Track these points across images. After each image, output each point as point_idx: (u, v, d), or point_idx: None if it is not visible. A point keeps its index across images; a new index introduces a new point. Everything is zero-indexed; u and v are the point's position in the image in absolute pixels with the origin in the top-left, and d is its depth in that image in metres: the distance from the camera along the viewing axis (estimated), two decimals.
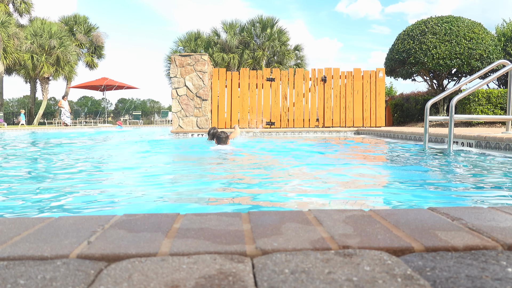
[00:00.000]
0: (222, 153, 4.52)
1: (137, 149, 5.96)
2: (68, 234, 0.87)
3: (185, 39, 23.29)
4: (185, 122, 9.61)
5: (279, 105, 10.28)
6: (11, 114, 32.28)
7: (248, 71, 10.28)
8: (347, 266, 0.69)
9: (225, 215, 1.02)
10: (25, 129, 15.10)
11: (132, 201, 2.14)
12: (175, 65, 9.49)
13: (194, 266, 0.70)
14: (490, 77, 4.25)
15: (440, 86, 11.69)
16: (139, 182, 2.79)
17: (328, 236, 0.85)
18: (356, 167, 3.57)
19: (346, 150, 5.39)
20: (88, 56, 26.67)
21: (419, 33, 10.70)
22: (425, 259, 0.74)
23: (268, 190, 2.44)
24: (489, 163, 3.45)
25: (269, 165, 3.85)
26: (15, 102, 61.91)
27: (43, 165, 3.90)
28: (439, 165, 3.58)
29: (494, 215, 1.01)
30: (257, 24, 22.81)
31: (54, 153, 5.34)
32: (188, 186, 2.66)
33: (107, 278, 0.65)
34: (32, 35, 21.97)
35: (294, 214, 1.03)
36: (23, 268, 0.70)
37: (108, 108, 33.65)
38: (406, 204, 2.06)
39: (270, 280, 0.64)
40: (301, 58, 23.80)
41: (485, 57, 10.20)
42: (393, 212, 1.04)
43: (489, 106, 9.50)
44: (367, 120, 10.30)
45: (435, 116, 4.88)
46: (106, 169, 3.65)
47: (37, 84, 24.55)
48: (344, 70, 10.34)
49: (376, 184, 2.74)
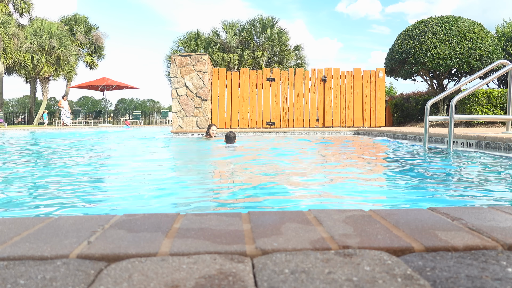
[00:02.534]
0: (231, 148, 5.35)
1: (137, 149, 5.96)
2: (68, 234, 0.87)
3: (185, 39, 23.28)
4: (185, 122, 9.61)
5: (279, 105, 10.28)
6: (11, 114, 32.29)
7: (248, 71, 10.27)
8: (347, 266, 0.69)
9: (225, 215, 1.02)
10: (25, 129, 15.10)
11: (132, 201, 2.14)
12: (175, 65, 9.49)
13: (194, 266, 0.70)
14: (490, 77, 4.25)
15: (440, 86, 11.69)
16: (139, 182, 2.79)
17: (328, 236, 0.85)
18: (356, 167, 3.57)
19: (346, 150, 5.39)
20: (88, 56, 26.67)
21: (419, 33, 10.69)
22: (425, 259, 0.74)
23: (268, 190, 2.44)
24: (489, 163, 3.45)
25: (269, 165, 3.85)
26: (15, 102, 61.92)
27: (42, 165, 3.90)
28: (439, 165, 3.58)
29: (494, 215, 1.01)
30: (257, 24, 22.80)
31: (54, 153, 5.34)
32: (188, 186, 2.66)
33: (107, 278, 0.65)
34: (32, 35, 21.96)
35: (294, 214, 1.03)
36: (23, 268, 0.70)
37: (108, 108, 33.63)
38: (406, 204, 2.06)
39: (270, 280, 0.64)
40: (301, 58, 23.79)
41: (485, 57, 10.19)
42: (393, 212, 1.04)
43: (489, 106, 9.50)
44: (367, 120, 10.30)
45: (435, 116, 4.88)
46: (106, 169, 3.65)
47: (37, 84, 24.55)
48: (344, 70, 10.35)
49: (376, 184, 2.74)
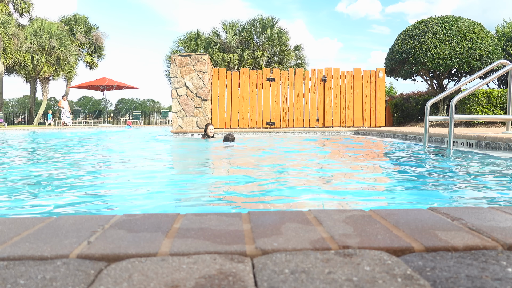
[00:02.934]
0: (230, 148, 5.74)
1: (137, 149, 5.96)
2: (68, 234, 0.87)
3: (185, 39, 23.28)
4: (185, 122, 9.61)
5: (279, 105, 10.28)
6: (11, 114, 32.30)
7: (248, 71, 10.27)
8: (347, 266, 0.69)
9: (225, 215, 1.02)
10: (25, 129, 15.10)
11: (132, 201, 2.14)
12: (175, 65, 9.49)
13: (194, 266, 0.70)
14: (490, 77, 4.25)
15: (440, 86, 11.69)
16: (139, 182, 2.79)
17: (328, 236, 0.85)
18: (356, 167, 3.57)
19: (346, 150, 5.39)
20: (88, 56, 26.67)
21: (419, 33, 10.69)
22: (425, 259, 0.73)
23: (268, 190, 2.44)
24: (489, 163, 3.45)
25: (269, 165, 3.85)
26: (15, 102, 61.96)
27: (43, 165, 3.90)
28: (439, 165, 3.58)
29: (494, 215, 1.01)
30: (257, 24, 22.80)
31: (54, 153, 5.34)
32: (188, 186, 2.66)
33: (107, 278, 0.65)
34: (32, 35, 21.96)
35: (294, 214, 1.03)
36: (23, 268, 0.70)
37: (108, 108, 33.64)
38: (406, 204, 2.06)
39: (270, 280, 0.64)
40: (301, 58, 23.79)
41: (485, 57, 10.19)
42: (393, 212, 1.04)
43: (489, 106, 9.50)
44: (367, 120, 10.30)
45: (435, 116, 4.88)
46: (106, 169, 3.65)
47: (37, 84, 24.55)
48: (344, 70, 10.35)
49: (376, 184, 2.74)
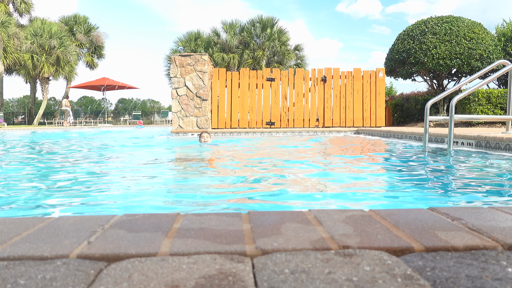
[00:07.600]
0: (229, 147, 5.59)
1: (137, 149, 5.96)
2: (68, 234, 0.87)
3: (185, 39, 23.28)
4: (185, 122, 9.61)
5: (279, 105, 10.28)
6: (11, 114, 32.32)
7: (248, 71, 10.27)
8: (347, 266, 0.69)
9: (225, 215, 1.02)
10: (26, 129, 15.09)
11: (132, 201, 2.14)
12: (175, 65, 9.49)
13: (194, 266, 0.70)
14: (490, 77, 4.25)
15: (440, 86, 11.69)
16: (139, 181, 2.79)
17: (328, 236, 0.85)
18: (356, 167, 3.57)
19: (346, 150, 5.39)
20: (88, 56, 26.67)
21: (419, 33, 10.69)
22: (425, 259, 0.73)
23: (269, 190, 2.44)
24: (489, 163, 3.45)
25: (269, 165, 3.85)
26: (15, 102, 61.98)
27: (43, 165, 3.90)
28: (439, 165, 3.58)
29: (494, 215, 1.01)
30: (257, 24, 22.80)
31: (54, 153, 5.34)
32: (188, 186, 2.66)
33: (107, 278, 0.65)
34: (32, 35, 21.96)
35: (294, 214, 1.03)
36: (23, 268, 0.70)
37: (108, 108, 33.65)
38: (406, 204, 2.06)
39: (270, 280, 0.64)
40: (301, 58, 23.80)
41: (485, 57, 10.19)
42: (393, 212, 1.04)
43: (489, 106, 9.50)
44: (367, 120, 10.30)
45: (435, 116, 4.88)
46: (106, 169, 3.65)
47: (37, 84, 24.55)
48: (344, 70, 10.35)
49: (376, 184, 2.74)
